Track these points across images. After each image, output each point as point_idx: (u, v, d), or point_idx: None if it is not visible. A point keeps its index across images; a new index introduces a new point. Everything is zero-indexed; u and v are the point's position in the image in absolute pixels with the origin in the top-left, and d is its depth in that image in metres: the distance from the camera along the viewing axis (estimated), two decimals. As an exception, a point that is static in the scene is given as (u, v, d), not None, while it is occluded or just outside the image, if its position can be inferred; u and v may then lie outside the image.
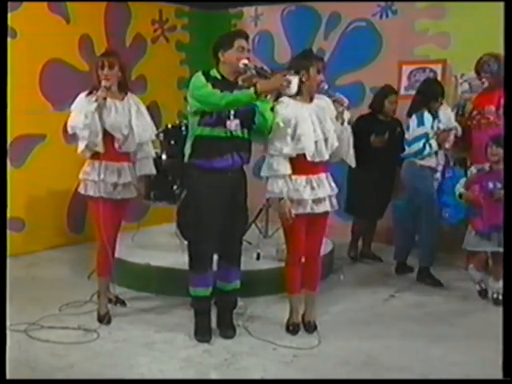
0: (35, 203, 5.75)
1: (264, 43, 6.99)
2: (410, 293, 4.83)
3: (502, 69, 4.89)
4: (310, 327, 3.92)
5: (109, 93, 3.79)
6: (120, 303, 4.33)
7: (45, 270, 5.25)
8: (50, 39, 5.66)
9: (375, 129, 5.35)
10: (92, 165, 3.92)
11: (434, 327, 4.11)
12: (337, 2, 6.42)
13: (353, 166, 3.97)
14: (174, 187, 5.01)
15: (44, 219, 5.83)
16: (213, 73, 3.62)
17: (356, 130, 5.27)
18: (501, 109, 4.83)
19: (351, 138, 3.86)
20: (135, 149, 4.02)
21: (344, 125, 3.77)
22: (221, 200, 3.63)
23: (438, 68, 5.94)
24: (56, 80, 5.74)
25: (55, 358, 3.48)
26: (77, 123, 3.82)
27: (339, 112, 3.73)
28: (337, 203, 3.85)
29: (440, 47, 5.92)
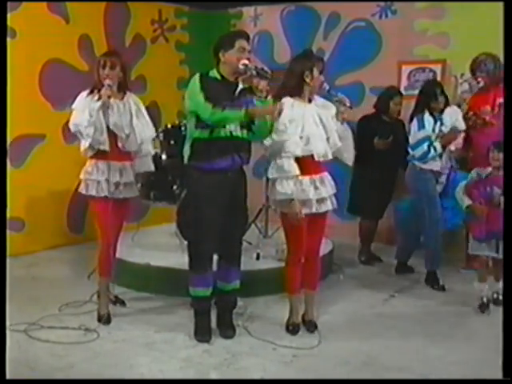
0: (35, 203, 5.75)
1: (263, 43, 6.98)
2: (410, 293, 4.83)
3: (498, 68, 4.90)
4: (311, 326, 3.93)
5: (112, 92, 3.79)
6: (120, 303, 4.33)
7: (44, 270, 5.24)
8: (50, 39, 5.66)
9: (379, 130, 5.33)
10: (95, 164, 3.91)
11: (434, 327, 4.11)
12: (336, 2, 6.41)
13: (349, 165, 3.97)
14: (174, 187, 5.01)
15: (44, 219, 5.82)
16: (212, 73, 3.63)
17: (360, 131, 5.31)
18: (496, 108, 4.83)
19: (351, 138, 3.87)
20: (137, 148, 4.03)
21: (344, 124, 3.78)
22: (221, 200, 3.63)
23: (438, 68, 5.94)
24: (55, 80, 5.74)
25: (55, 358, 3.47)
26: (80, 121, 3.80)
27: (340, 112, 3.74)
28: (336, 202, 3.85)
29: (439, 47, 5.92)
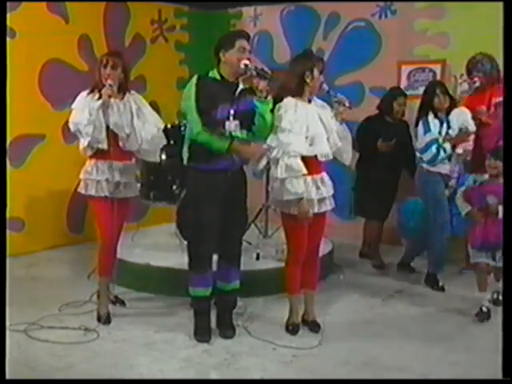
0: (35, 203, 5.74)
1: (263, 43, 6.98)
2: (410, 293, 4.83)
3: (495, 68, 4.90)
4: (315, 326, 3.93)
5: (112, 92, 3.79)
6: (120, 303, 4.33)
7: (44, 270, 5.24)
8: (49, 39, 5.66)
9: (382, 131, 5.31)
10: (94, 164, 3.91)
11: (434, 327, 4.11)
12: (336, 2, 6.41)
13: (347, 165, 3.98)
14: (174, 187, 5.00)
15: (44, 219, 5.82)
16: (212, 74, 3.63)
17: (363, 132, 5.30)
18: (492, 108, 4.82)
19: (349, 138, 3.88)
20: (138, 148, 4.01)
21: (343, 124, 3.79)
22: (221, 200, 3.63)
23: (438, 68, 5.93)
24: (55, 80, 5.74)
25: (55, 358, 3.47)
26: (80, 120, 3.80)
27: (339, 112, 3.74)
28: (333, 202, 3.86)
29: (439, 47, 5.92)
